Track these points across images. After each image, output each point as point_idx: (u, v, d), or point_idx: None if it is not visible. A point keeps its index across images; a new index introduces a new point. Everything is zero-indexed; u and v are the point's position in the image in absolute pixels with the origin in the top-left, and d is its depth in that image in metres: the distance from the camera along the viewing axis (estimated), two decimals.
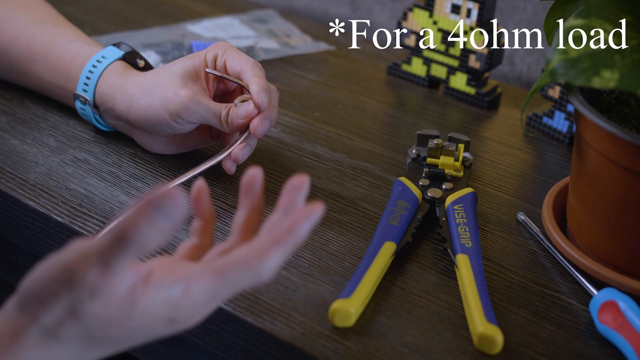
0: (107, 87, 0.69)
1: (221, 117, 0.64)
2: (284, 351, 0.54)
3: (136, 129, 0.69)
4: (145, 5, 1.06)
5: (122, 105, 0.67)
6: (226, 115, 0.64)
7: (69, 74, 0.72)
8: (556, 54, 0.52)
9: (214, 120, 0.65)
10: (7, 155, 0.70)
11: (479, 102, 0.88)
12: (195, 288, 0.44)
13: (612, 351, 0.55)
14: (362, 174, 0.73)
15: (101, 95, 0.69)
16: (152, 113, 0.65)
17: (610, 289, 0.57)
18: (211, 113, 0.64)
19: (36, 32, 0.74)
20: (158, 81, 0.66)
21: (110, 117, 0.71)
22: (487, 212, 0.69)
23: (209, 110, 0.64)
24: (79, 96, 0.70)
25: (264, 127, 0.64)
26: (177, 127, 0.66)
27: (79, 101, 0.71)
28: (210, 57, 0.67)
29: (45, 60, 0.73)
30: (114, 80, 0.69)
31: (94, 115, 0.71)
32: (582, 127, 0.59)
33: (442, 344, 0.54)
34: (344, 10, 1.15)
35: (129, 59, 0.72)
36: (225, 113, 0.64)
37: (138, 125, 0.67)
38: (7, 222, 0.67)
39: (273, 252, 0.44)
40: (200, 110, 0.64)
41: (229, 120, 0.64)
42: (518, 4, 1.01)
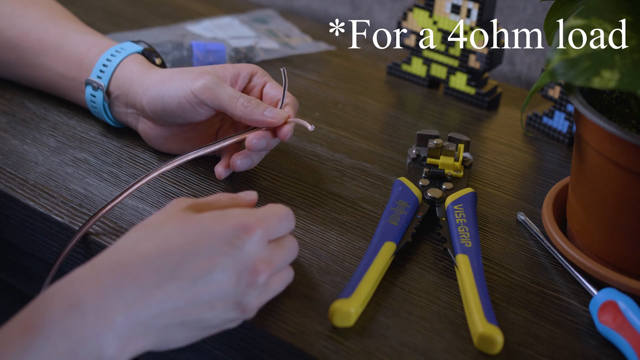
0: (125, 73, 0.70)
1: (238, 102, 0.64)
2: (284, 351, 0.54)
3: (145, 118, 0.69)
4: (145, 5, 1.06)
5: (139, 89, 0.68)
6: (246, 102, 0.64)
7: (82, 63, 0.72)
8: (556, 54, 0.52)
9: (231, 103, 0.64)
10: (7, 155, 0.70)
11: (479, 102, 0.88)
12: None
13: (612, 351, 0.55)
14: (362, 174, 0.73)
15: (117, 80, 0.70)
16: (168, 94, 0.65)
17: (610, 289, 0.57)
18: (229, 97, 0.64)
19: (49, 26, 0.75)
20: (181, 71, 0.67)
21: (120, 104, 0.71)
22: (487, 212, 0.69)
23: (227, 94, 0.64)
24: (91, 82, 0.71)
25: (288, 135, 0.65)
26: (190, 111, 0.65)
27: (90, 87, 0.71)
28: (246, 72, 0.68)
29: (58, 52, 0.73)
30: (134, 68, 0.70)
31: (103, 103, 0.71)
32: (582, 127, 0.59)
33: (442, 344, 0.54)
34: (344, 10, 1.15)
35: (146, 55, 0.73)
36: (246, 100, 0.64)
37: (151, 109, 0.67)
38: (7, 222, 0.67)
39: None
40: (220, 92, 0.64)
41: (249, 108, 0.64)
42: (518, 4, 1.01)
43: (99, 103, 0.71)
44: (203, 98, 0.64)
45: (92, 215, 0.61)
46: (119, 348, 0.45)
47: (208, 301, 0.49)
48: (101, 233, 0.61)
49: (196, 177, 0.69)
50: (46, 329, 0.44)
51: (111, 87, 0.70)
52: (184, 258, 0.48)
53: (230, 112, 0.65)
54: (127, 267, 0.47)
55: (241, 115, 0.64)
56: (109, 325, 0.45)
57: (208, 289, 0.48)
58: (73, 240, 0.60)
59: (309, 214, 0.66)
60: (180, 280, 0.47)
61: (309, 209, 0.67)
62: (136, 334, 0.46)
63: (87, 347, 0.44)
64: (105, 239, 0.61)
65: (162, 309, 0.47)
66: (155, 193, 0.67)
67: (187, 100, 0.65)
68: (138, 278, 0.47)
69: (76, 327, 0.44)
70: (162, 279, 0.47)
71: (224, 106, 0.65)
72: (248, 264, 0.50)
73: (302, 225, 0.65)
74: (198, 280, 0.48)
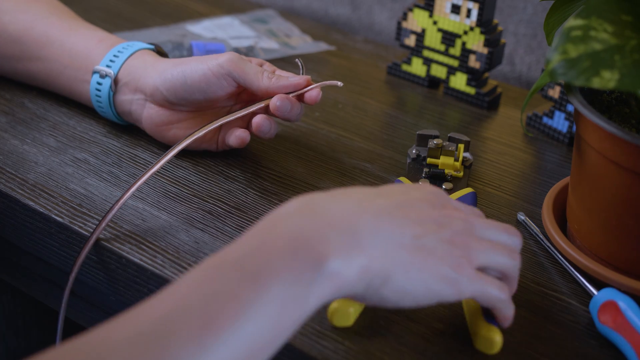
0: (138, 62, 0.71)
1: (263, 75, 0.66)
2: (284, 351, 0.54)
3: (153, 103, 0.69)
4: (145, 5, 1.06)
5: (153, 73, 0.69)
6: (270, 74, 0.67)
7: (89, 54, 0.72)
8: (556, 54, 0.52)
9: (257, 75, 0.66)
10: (7, 155, 0.70)
11: (479, 102, 0.88)
12: None
13: (612, 351, 0.55)
14: (362, 174, 0.73)
15: (129, 68, 0.70)
16: (190, 69, 0.67)
17: (610, 289, 0.57)
18: (255, 70, 0.67)
19: (54, 21, 0.76)
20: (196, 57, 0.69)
21: (128, 91, 0.71)
22: (487, 212, 0.69)
23: (252, 68, 0.67)
24: (99, 70, 0.71)
25: (317, 98, 0.67)
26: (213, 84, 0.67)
27: (97, 75, 0.71)
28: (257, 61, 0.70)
29: (63, 45, 0.74)
30: (147, 57, 0.71)
31: (109, 91, 0.71)
32: (582, 127, 0.59)
33: (442, 344, 0.54)
34: (344, 10, 1.15)
35: (157, 52, 0.74)
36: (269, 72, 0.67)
37: (167, 87, 0.68)
38: (7, 222, 0.67)
39: None
40: (245, 66, 0.67)
41: (274, 79, 0.66)
42: (518, 4, 1.01)
43: (105, 91, 0.71)
44: (230, 69, 0.66)
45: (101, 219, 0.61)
46: (344, 257, 0.45)
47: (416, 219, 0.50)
48: (108, 237, 0.62)
49: (196, 177, 0.69)
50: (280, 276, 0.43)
51: (120, 75, 0.70)
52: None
53: (257, 85, 0.67)
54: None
55: (268, 85, 0.66)
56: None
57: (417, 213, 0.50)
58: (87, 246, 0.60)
59: None
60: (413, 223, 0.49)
61: None
62: (361, 246, 0.46)
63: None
64: (114, 243, 0.61)
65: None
66: (155, 193, 0.67)
67: (212, 72, 0.66)
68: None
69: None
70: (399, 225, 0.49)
71: (250, 79, 0.66)
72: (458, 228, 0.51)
73: None
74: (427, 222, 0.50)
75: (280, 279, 0.43)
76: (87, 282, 0.64)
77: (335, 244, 0.46)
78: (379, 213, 0.49)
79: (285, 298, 0.43)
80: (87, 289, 0.68)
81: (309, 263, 0.44)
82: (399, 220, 0.49)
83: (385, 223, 0.48)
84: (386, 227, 0.48)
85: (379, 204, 0.49)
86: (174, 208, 0.65)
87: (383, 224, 0.48)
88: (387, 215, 0.49)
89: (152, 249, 0.60)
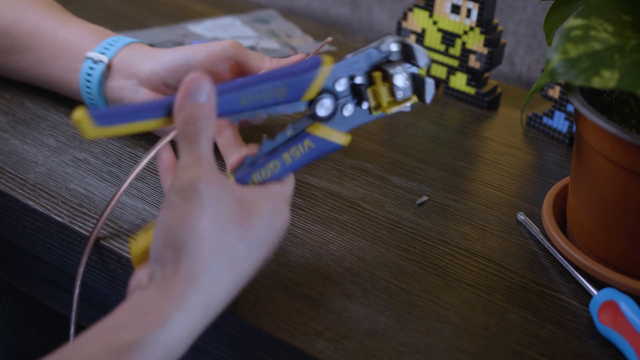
0: (133, 51, 0.71)
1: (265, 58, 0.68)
2: (284, 351, 0.54)
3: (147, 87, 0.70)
4: (145, 5, 1.06)
5: (150, 58, 0.69)
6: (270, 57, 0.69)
7: (82, 42, 0.73)
8: (556, 54, 0.52)
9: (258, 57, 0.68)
10: (7, 155, 0.70)
11: (479, 102, 0.88)
12: None
13: (612, 351, 0.55)
14: (362, 174, 0.73)
15: (124, 54, 0.71)
16: (192, 50, 0.68)
17: (610, 289, 0.57)
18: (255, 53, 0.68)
19: (46, 13, 0.76)
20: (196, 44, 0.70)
21: (120, 77, 0.71)
22: (487, 212, 0.69)
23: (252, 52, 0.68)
24: (92, 56, 0.71)
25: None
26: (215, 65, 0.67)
27: (90, 60, 0.71)
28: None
29: (55, 36, 0.74)
30: (143, 47, 0.72)
31: (100, 77, 0.71)
32: (582, 127, 0.59)
33: (442, 344, 0.54)
34: (344, 10, 1.15)
35: None
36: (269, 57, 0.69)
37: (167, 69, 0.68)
38: (7, 222, 0.67)
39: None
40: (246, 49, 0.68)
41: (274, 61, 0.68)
42: (518, 4, 1.01)
43: (96, 77, 0.71)
44: (235, 52, 0.67)
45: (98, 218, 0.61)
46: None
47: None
48: (108, 237, 0.62)
49: None
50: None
51: (115, 61, 0.71)
52: (252, 265, 0.52)
53: (260, 66, 0.68)
54: (215, 308, 0.50)
55: (271, 66, 0.68)
56: (183, 349, 0.49)
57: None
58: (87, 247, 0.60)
59: (309, 214, 0.66)
60: (242, 274, 0.52)
61: (309, 209, 0.67)
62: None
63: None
64: (113, 243, 0.61)
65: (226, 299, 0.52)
66: (155, 193, 0.67)
67: (215, 54, 0.67)
68: (221, 303, 0.50)
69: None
70: (234, 284, 0.51)
71: (253, 62, 0.68)
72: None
73: (302, 225, 0.65)
74: (254, 265, 0.53)
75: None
76: (87, 282, 0.64)
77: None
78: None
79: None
80: (86, 289, 0.68)
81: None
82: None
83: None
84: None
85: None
86: None
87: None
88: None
89: None
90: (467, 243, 0.65)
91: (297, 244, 0.62)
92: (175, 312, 0.47)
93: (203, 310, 0.49)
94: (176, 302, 0.47)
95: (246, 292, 0.57)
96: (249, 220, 0.51)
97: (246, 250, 0.51)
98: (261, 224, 0.51)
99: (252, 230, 0.51)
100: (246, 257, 0.51)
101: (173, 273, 0.48)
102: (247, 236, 0.51)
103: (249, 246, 0.51)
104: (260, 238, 0.52)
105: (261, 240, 0.52)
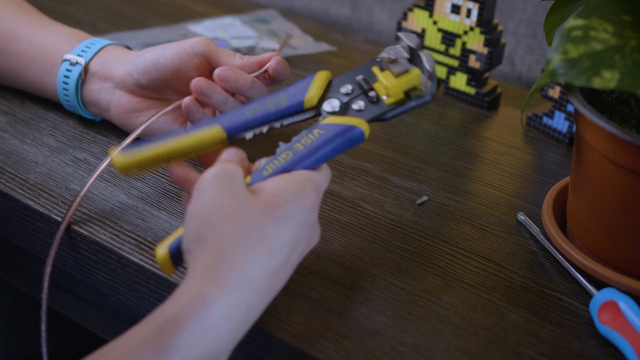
0: (110, 54, 0.71)
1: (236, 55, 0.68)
2: (284, 351, 0.54)
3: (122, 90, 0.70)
4: (145, 5, 1.06)
5: (124, 60, 0.69)
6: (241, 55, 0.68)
7: (58, 48, 0.73)
8: (556, 54, 0.52)
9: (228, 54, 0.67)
10: (7, 155, 0.70)
11: (479, 102, 0.88)
12: None
13: (612, 351, 0.55)
14: (362, 174, 0.73)
15: (100, 58, 0.71)
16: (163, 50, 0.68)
17: (610, 289, 0.57)
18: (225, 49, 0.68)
19: (21, 17, 0.76)
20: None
21: (97, 80, 0.71)
22: (487, 212, 0.69)
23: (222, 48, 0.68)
24: (70, 58, 0.71)
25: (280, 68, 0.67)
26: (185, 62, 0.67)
27: (67, 63, 0.71)
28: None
29: (31, 39, 0.74)
30: (119, 50, 0.72)
31: (78, 79, 0.71)
32: (582, 127, 0.59)
33: (442, 344, 0.54)
34: (344, 10, 1.15)
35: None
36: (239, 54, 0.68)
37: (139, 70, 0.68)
38: (7, 222, 0.67)
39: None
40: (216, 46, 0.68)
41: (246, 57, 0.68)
42: (518, 4, 1.01)
43: (73, 79, 0.71)
44: (204, 49, 0.67)
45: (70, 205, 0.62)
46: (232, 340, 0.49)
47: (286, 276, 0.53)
48: (110, 238, 0.61)
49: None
50: (180, 351, 0.45)
51: (91, 64, 0.71)
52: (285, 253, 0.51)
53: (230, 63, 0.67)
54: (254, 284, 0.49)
55: (241, 63, 0.67)
56: (232, 339, 0.48)
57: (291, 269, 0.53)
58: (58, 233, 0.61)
59: None
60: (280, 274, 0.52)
61: None
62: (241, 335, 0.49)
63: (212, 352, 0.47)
64: (115, 244, 0.61)
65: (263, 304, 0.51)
66: (155, 193, 0.67)
67: (185, 51, 0.67)
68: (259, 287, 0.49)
69: (206, 346, 0.46)
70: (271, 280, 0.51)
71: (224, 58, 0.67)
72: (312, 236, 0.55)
73: None
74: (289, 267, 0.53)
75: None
76: (88, 282, 0.64)
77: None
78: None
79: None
80: (86, 289, 0.68)
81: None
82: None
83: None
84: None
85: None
86: (174, 208, 0.65)
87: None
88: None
89: (153, 249, 0.60)
90: (467, 243, 0.65)
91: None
92: (207, 284, 0.47)
93: (237, 284, 0.48)
94: (207, 275, 0.47)
95: None
96: (274, 200, 0.51)
97: (275, 228, 0.50)
98: (288, 203, 0.51)
99: (280, 208, 0.51)
100: (276, 234, 0.50)
101: (201, 252, 0.48)
102: (275, 214, 0.51)
103: (278, 223, 0.51)
104: (289, 216, 0.51)
105: (290, 218, 0.51)
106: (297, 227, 0.52)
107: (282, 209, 0.51)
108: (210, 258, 0.48)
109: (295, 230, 0.52)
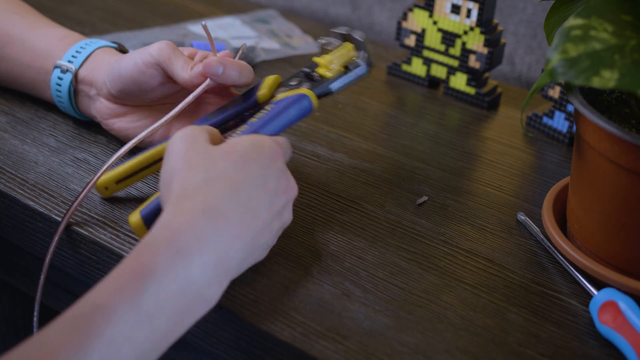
0: (97, 59, 0.71)
1: (189, 66, 0.65)
2: (284, 351, 0.54)
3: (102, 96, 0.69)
4: (145, 5, 1.06)
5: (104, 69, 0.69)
6: (192, 66, 0.65)
7: (51, 52, 0.72)
8: (556, 53, 0.52)
9: (182, 65, 0.65)
10: (7, 155, 0.70)
11: (479, 102, 0.88)
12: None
13: (612, 351, 0.55)
14: (362, 174, 0.73)
15: (90, 64, 0.71)
16: (125, 60, 0.67)
17: (610, 289, 0.57)
18: (181, 59, 0.65)
19: (15, 19, 0.75)
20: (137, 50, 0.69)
21: (85, 85, 0.71)
22: (487, 212, 0.69)
23: (179, 57, 0.65)
24: (60, 65, 0.71)
25: (212, 67, 0.64)
26: (143, 73, 0.66)
27: (58, 70, 0.71)
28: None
29: (25, 43, 0.73)
30: (105, 55, 0.71)
31: (69, 86, 0.71)
32: (582, 127, 0.59)
33: (442, 344, 0.54)
34: (344, 10, 1.15)
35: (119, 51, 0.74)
36: (192, 65, 0.66)
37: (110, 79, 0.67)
38: (7, 222, 0.67)
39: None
40: (173, 55, 0.65)
41: (196, 67, 0.65)
42: (518, 4, 1.01)
43: (65, 86, 0.71)
44: (159, 59, 0.65)
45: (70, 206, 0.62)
46: (217, 287, 0.51)
47: (268, 226, 0.55)
48: (111, 238, 0.62)
49: None
50: (159, 274, 0.47)
51: (81, 70, 0.71)
52: (251, 191, 0.54)
53: (180, 76, 0.65)
54: (220, 212, 0.52)
55: (190, 76, 0.65)
56: (211, 266, 0.50)
57: (269, 214, 0.55)
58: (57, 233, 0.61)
59: (309, 214, 0.66)
60: (252, 212, 0.53)
61: (309, 209, 0.67)
62: (227, 271, 0.52)
63: (194, 288, 0.49)
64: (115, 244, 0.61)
65: (243, 244, 0.53)
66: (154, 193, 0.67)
67: (142, 61, 0.66)
68: (226, 215, 0.52)
69: (184, 271, 0.48)
70: (241, 213, 0.53)
71: (176, 70, 0.65)
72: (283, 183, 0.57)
73: (302, 224, 0.65)
74: (262, 207, 0.54)
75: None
76: (88, 282, 0.64)
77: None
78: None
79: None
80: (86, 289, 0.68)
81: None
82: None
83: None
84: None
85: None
86: None
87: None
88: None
89: None
90: (467, 243, 0.65)
91: (297, 244, 0.62)
92: (174, 215, 0.50)
93: (201, 213, 0.51)
94: (171, 207, 0.51)
95: (246, 292, 0.57)
96: (233, 147, 0.55)
97: (235, 168, 0.54)
98: (246, 149, 0.55)
99: (237, 152, 0.55)
100: (237, 172, 0.54)
101: (168, 198, 0.53)
102: (233, 157, 0.54)
103: (237, 164, 0.54)
104: (247, 158, 0.55)
105: (249, 160, 0.55)
106: (259, 169, 0.55)
107: (239, 152, 0.55)
108: (175, 198, 0.52)
109: (257, 171, 0.55)
